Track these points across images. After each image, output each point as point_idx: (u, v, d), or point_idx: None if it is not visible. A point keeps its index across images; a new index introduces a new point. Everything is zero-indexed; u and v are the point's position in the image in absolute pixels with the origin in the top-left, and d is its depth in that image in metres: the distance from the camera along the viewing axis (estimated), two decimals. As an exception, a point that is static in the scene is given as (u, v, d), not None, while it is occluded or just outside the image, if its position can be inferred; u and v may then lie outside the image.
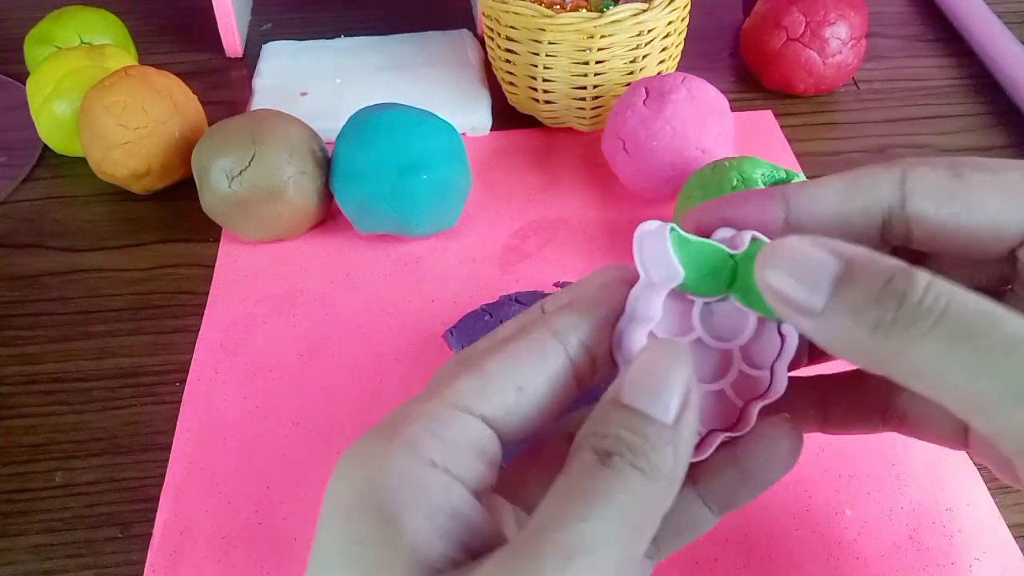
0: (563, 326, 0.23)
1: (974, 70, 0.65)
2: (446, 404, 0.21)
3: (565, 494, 0.19)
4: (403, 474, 0.20)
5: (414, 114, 0.49)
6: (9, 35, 0.69)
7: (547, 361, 0.22)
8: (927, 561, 0.36)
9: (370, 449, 0.21)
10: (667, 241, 0.22)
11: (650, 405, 0.20)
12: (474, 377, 0.22)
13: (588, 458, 0.20)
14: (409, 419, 0.21)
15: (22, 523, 0.39)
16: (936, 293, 0.19)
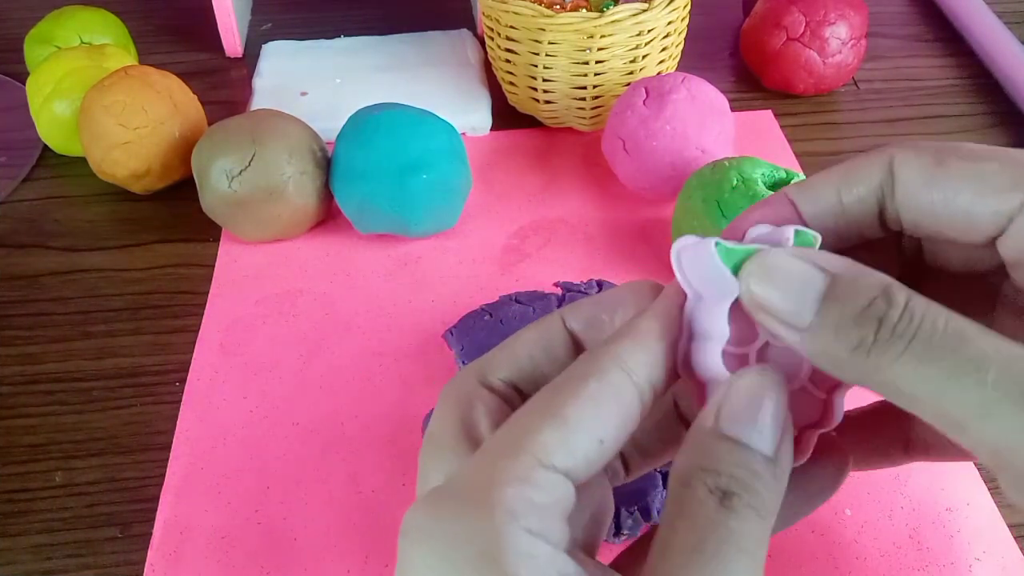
0: (634, 363, 0.22)
1: (974, 70, 0.65)
2: (536, 463, 0.20)
3: (694, 545, 0.19)
4: (517, 548, 0.19)
5: (414, 114, 0.49)
6: (9, 35, 0.69)
7: (625, 405, 0.21)
8: (927, 561, 0.36)
9: (471, 520, 0.20)
10: (715, 257, 0.22)
11: (752, 437, 0.20)
12: (558, 429, 0.20)
13: (706, 499, 0.20)
14: (501, 483, 0.20)
15: (22, 523, 0.39)
16: (911, 314, 0.20)
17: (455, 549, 0.19)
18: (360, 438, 0.41)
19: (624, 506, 0.36)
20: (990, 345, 0.19)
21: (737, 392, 0.21)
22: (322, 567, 0.37)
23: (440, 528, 0.20)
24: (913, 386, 0.20)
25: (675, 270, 0.23)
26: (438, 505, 0.20)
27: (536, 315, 0.43)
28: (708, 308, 0.22)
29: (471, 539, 0.19)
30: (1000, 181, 0.22)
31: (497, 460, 0.20)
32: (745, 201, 0.43)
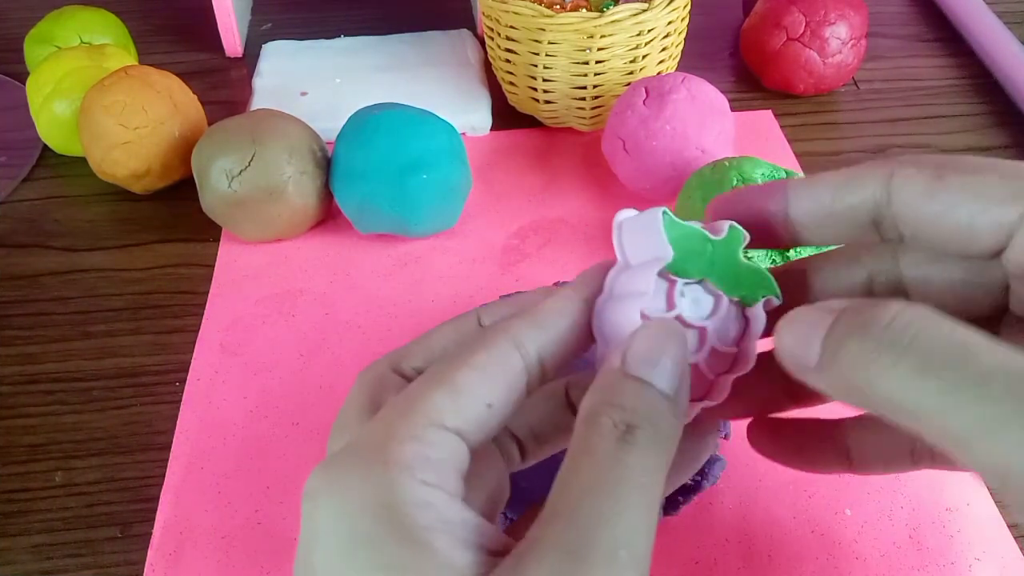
0: (525, 338, 0.23)
1: (974, 70, 0.65)
2: (428, 423, 0.21)
3: (594, 480, 0.20)
4: (415, 498, 0.20)
5: (414, 114, 0.49)
6: (9, 35, 0.69)
7: (511, 375, 0.23)
8: (927, 561, 0.36)
9: (368, 475, 0.20)
10: (660, 223, 0.24)
11: (655, 376, 0.21)
12: (449, 394, 0.22)
13: (609, 433, 0.20)
14: (396, 440, 0.21)
15: (22, 523, 0.39)
16: (904, 323, 0.20)
17: (353, 503, 0.20)
18: (360, 438, 0.41)
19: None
20: (997, 357, 0.19)
21: (643, 337, 0.22)
22: (322, 567, 0.37)
23: (338, 485, 0.21)
24: (912, 400, 0.19)
25: (615, 237, 0.25)
26: (336, 465, 0.21)
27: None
28: (635, 271, 0.24)
29: (369, 492, 0.20)
30: (1000, 193, 0.22)
31: (391, 421, 0.22)
32: (745, 201, 0.43)
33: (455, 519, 0.20)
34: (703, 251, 0.25)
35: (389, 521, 0.20)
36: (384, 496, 0.20)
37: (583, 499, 0.20)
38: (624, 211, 0.25)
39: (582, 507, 0.19)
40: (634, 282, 0.24)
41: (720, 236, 0.25)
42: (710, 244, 0.25)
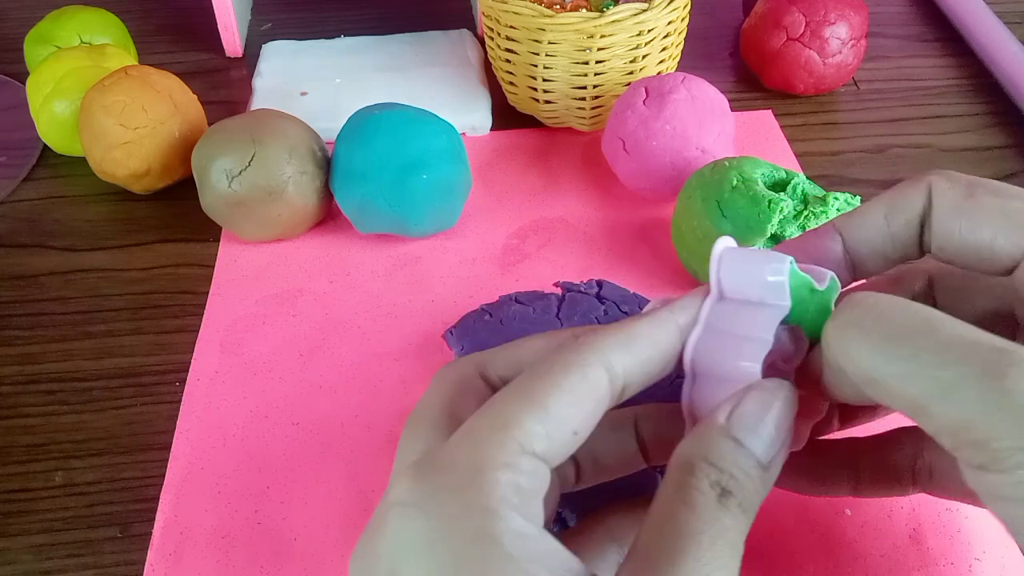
0: (615, 361, 0.23)
1: (974, 70, 0.65)
2: (521, 450, 0.21)
3: (692, 533, 0.21)
4: (513, 529, 0.20)
5: (414, 114, 0.49)
6: (9, 35, 0.69)
7: (598, 399, 0.23)
8: (927, 561, 0.36)
9: (464, 500, 0.20)
10: (786, 272, 0.24)
11: (756, 445, 0.22)
12: (540, 418, 0.22)
13: (708, 492, 0.21)
14: (491, 467, 0.21)
15: (22, 523, 0.39)
16: (874, 304, 0.22)
17: (453, 528, 0.20)
18: (360, 438, 0.41)
19: (624, 506, 0.36)
20: (956, 330, 0.21)
21: (751, 398, 0.23)
22: (322, 567, 0.37)
23: (435, 506, 0.21)
24: (880, 370, 0.21)
25: (711, 266, 0.25)
26: (428, 481, 0.21)
27: (536, 315, 0.43)
28: (742, 310, 0.24)
29: (468, 519, 0.20)
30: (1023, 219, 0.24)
31: (484, 443, 0.22)
32: (745, 201, 0.43)
33: (546, 550, 0.21)
34: (804, 298, 0.25)
35: (489, 552, 0.20)
36: (484, 526, 0.20)
37: (683, 547, 0.20)
38: (724, 239, 0.25)
39: (681, 554, 0.20)
40: (743, 323, 0.24)
41: (823, 286, 0.25)
42: (811, 293, 0.25)
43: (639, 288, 0.46)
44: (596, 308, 0.44)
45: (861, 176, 0.56)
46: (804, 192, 0.43)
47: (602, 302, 0.44)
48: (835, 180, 0.56)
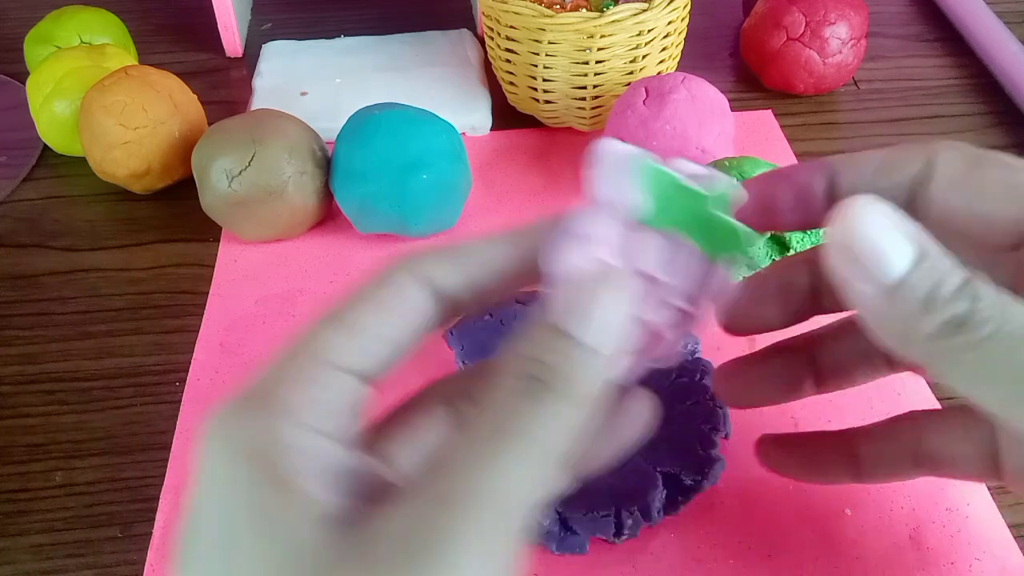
0: (434, 273, 0.23)
1: (974, 70, 0.65)
2: (317, 363, 0.21)
3: (480, 430, 0.19)
4: (289, 442, 0.20)
5: (414, 114, 0.49)
6: (9, 35, 0.69)
7: (413, 310, 0.23)
8: (927, 561, 0.36)
9: (250, 420, 0.21)
10: (634, 170, 0.23)
11: (578, 328, 0.20)
12: (341, 331, 0.22)
13: (512, 384, 0.20)
14: (285, 383, 0.21)
15: (22, 523, 0.39)
16: (995, 309, 0.21)
17: (236, 448, 0.20)
18: (360, 438, 0.41)
19: (624, 506, 0.36)
20: None
21: (574, 287, 0.21)
22: (322, 567, 0.37)
23: (224, 429, 0.21)
24: (982, 384, 0.21)
25: (592, 170, 0.23)
26: (227, 410, 0.21)
27: (536, 315, 0.43)
28: (599, 214, 0.23)
29: (250, 436, 0.20)
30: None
31: (281, 363, 0.21)
32: (745, 201, 0.43)
33: (330, 463, 0.20)
34: (687, 204, 0.23)
35: (262, 465, 0.20)
36: (261, 440, 0.20)
37: (466, 447, 0.19)
38: (612, 144, 0.23)
39: (463, 455, 0.19)
40: (591, 225, 0.22)
41: (712, 192, 0.23)
42: (697, 198, 0.23)
43: (639, 288, 0.46)
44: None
45: (861, 176, 0.56)
46: (804, 192, 0.43)
47: (602, 302, 0.44)
48: (835, 180, 0.56)
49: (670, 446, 0.38)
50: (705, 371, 0.41)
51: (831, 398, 0.42)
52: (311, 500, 0.19)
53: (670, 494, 0.37)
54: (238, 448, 0.20)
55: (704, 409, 0.39)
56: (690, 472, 0.37)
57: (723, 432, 0.39)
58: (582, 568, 0.36)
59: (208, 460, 0.21)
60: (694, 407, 0.39)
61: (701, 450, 0.38)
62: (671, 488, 0.37)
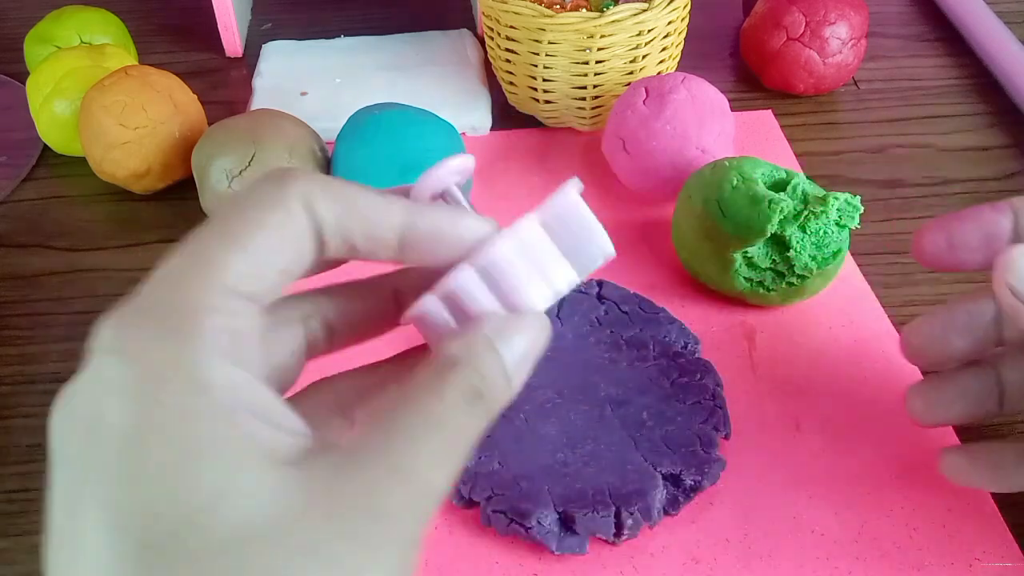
0: (319, 204, 0.22)
1: (974, 70, 0.65)
2: (226, 291, 0.20)
3: (433, 418, 0.21)
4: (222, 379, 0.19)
5: (414, 114, 0.49)
6: (9, 35, 0.69)
7: (303, 240, 0.22)
8: (927, 561, 0.36)
9: (170, 343, 0.19)
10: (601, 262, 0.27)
11: (515, 365, 0.23)
12: (243, 258, 0.21)
13: (463, 389, 0.21)
14: (197, 309, 0.20)
15: (22, 523, 0.39)
16: None
17: (157, 376, 0.19)
18: (360, 438, 0.41)
19: (624, 506, 0.36)
20: None
21: (524, 324, 0.24)
22: (322, 567, 0.37)
23: (139, 352, 0.19)
24: None
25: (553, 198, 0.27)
26: (132, 327, 0.20)
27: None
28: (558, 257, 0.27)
29: (175, 367, 0.19)
30: None
31: (187, 285, 0.20)
32: (745, 201, 0.43)
33: (262, 400, 0.20)
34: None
35: (197, 400, 0.19)
36: (192, 374, 0.19)
37: (425, 432, 0.20)
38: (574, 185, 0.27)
39: (423, 438, 0.20)
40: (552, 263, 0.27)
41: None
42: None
43: (639, 288, 0.46)
44: (596, 308, 0.44)
45: (861, 176, 0.56)
46: (804, 192, 0.43)
47: (602, 302, 0.44)
48: (835, 180, 0.56)
49: (670, 446, 0.38)
50: (705, 371, 0.41)
51: (834, 402, 0.42)
52: (259, 442, 0.19)
53: (670, 494, 0.37)
54: (163, 374, 0.19)
55: (704, 409, 0.39)
56: (690, 472, 0.37)
57: (723, 432, 0.39)
58: (582, 568, 0.36)
59: (117, 374, 0.19)
60: (694, 407, 0.39)
61: (701, 450, 0.38)
62: (671, 488, 0.37)
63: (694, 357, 0.42)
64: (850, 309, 0.46)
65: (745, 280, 0.45)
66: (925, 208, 0.54)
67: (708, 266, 0.46)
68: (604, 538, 0.36)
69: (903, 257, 0.50)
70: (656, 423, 0.39)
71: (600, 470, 0.37)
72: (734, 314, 0.46)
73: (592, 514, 0.35)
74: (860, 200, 0.43)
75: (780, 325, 0.46)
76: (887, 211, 0.53)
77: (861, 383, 0.43)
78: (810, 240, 0.43)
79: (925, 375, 0.36)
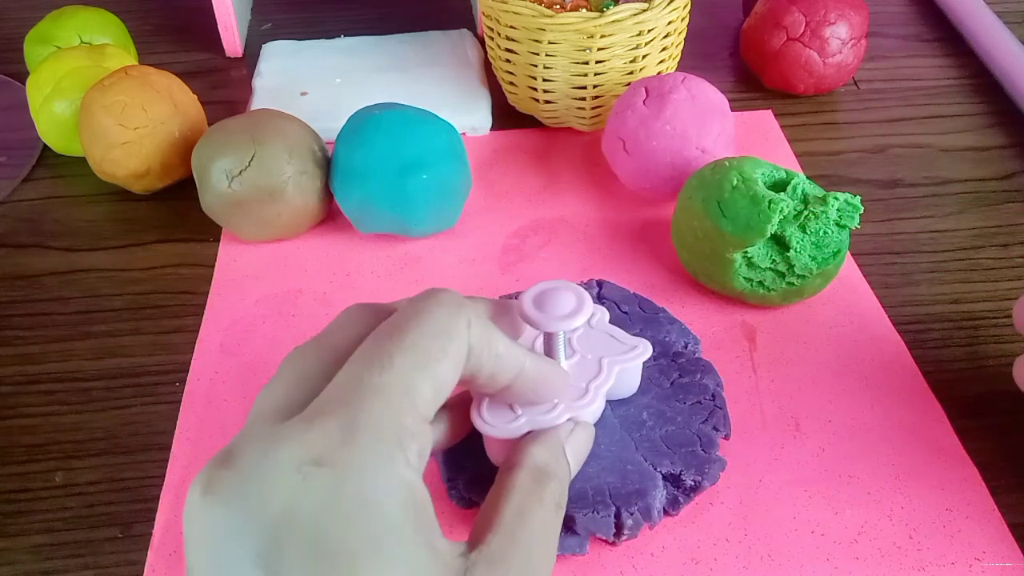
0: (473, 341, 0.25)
1: (974, 70, 0.65)
2: (419, 416, 0.23)
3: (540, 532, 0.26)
4: (425, 497, 0.23)
5: (414, 114, 0.49)
6: (9, 35, 0.70)
7: (461, 367, 0.25)
8: (927, 561, 0.36)
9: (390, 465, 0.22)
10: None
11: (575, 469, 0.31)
12: (433, 386, 0.24)
13: (555, 501, 0.27)
14: (405, 433, 0.23)
15: (22, 523, 0.39)
16: None
17: (367, 483, 0.21)
18: (360, 438, 0.41)
19: (624, 506, 0.36)
20: None
21: (581, 433, 0.32)
22: (322, 567, 0.37)
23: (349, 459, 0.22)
24: None
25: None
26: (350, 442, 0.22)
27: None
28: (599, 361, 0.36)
29: (396, 485, 0.22)
30: None
31: (395, 408, 0.23)
32: (745, 201, 0.43)
33: (433, 521, 0.23)
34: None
35: (417, 517, 0.22)
36: (410, 493, 0.22)
37: (533, 544, 0.25)
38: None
39: (532, 551, 0.25)
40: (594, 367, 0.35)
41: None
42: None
43: (639, 288, 0.46)
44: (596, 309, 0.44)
45: (861, 176, 0.56)
46: (804, 192, 0.43)
47: (602, 302, 0.44)
48: (835, 180, 0.56)
49: (670, 446, 0.38)
50: (705, 371, 0.41)
51: (834, 401, 0.42)
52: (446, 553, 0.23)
53: (670, 494, 0.37)
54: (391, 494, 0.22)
55: (704, 409, 0.39)
56: (690, 472, 0.37)
57: (723, 432, 0.39)
58: (582, 568, 0.36)
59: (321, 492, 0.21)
60: (694, 407, 0.39)
61: (701, 450, 0.38)
62: (671, 488, 0.37)
63: (694, 357, 0.42)
64: (850, 309, 0.46)
65: (745, 280, 0.45)
66: (925, 208, 0.54)
67: (708, 266, 0.46)
68: (604, 538, 0.36)
69: (903, 257, 0.50)
70: (656, 423, 0.39)
71: (600, 470, 0.37)
72: (734, 314, 0.46)
73: (592, 514, 0.35)
74: (860, 200, 0.43)
75: (780, 325, 0.46)
76: (887, 211, 0.53)
77: (861, 383, 0.43)
78: (810, 240, 0.43)
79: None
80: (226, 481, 0.21)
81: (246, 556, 0.20)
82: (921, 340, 0.45)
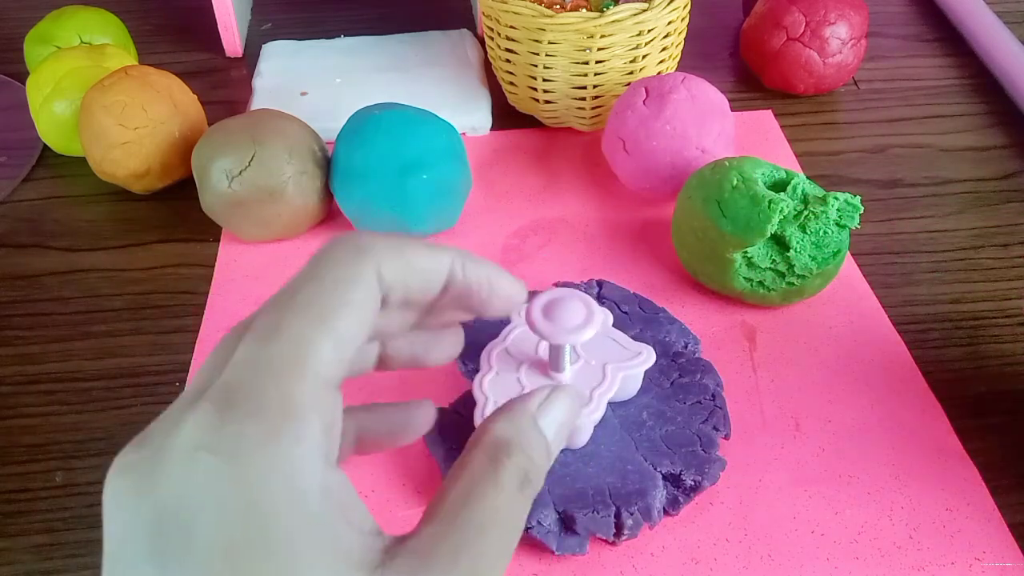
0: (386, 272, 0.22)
1: (974, 70, 0.65)
2: (321, 383, 0.20)
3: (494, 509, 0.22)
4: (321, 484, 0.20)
5: (414, 114, 0.49)
6: (9, 35, 0.69)
7: (374, 311, 0.22)
8: (927, 561, 0.36)
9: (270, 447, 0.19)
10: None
11: (553, 440, 0.24)
12: (334, 343, 0.21)
13: (516, 476, 0.22)
14: (299, 410, 0.20)
15: (22, 523, 0.39)
16: None
17: (258, 479, 0.19)
18: (360, 438, 0.41)
19: (624, 506, 0.36)
20: None
21: (560, 396, 0.25)
22: (322, 567, 0.37)
23: (239, 449, 0.19)
24: None
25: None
26: (233, 422, 0.20)
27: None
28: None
29: (277, 471, 0.19)
30: None
31: (286, 376, 0.20)
32: (745, 201, 0.43)
33: (347, 503, 0.20)
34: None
35: (296, 511, 0.19)
36: (293, 480, 0.19)
37: (489, 524, 0.21)
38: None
39: (488, 530, 0.21)
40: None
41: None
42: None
43: (639, 288, 0.46)
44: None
45: (861, 176, 0.56)
46: (804, 192, 0.43)
47: (602, 302, 0.44)
48: (835, 180, 0.56)
49: (670, 446, 0.38)
50: (705, 371, 0.41)
51: (834, 401, 0.42)
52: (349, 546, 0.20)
53: (670, 494, 0.37)
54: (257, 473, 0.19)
55: (704, 409, 0.39)
56: (690, 472, 0.37)
57: (723, 432, 0.39)
58: (582, 568, 0.36)
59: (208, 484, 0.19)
60: (694, 407, 0.39)
61: (701, 450, 0.38)
62: (671, 488, 0.37)
63: (694, 357, 0.42)
64: (850, 309, 0.46)
65: (745, 280, 0.45)
66: (925, 208, 0.54)
67: (708, 266, 0.46)
68: (604, 538, 0.36)
69: (903, 257, 0.50)
70: (656, 423, 0.39)
71: (600, 470, 0.37)
72: (734, 314, 0.46)
73: (592, 514, 0.35)
74: (860, 200, 0.43)
75: (780, 325, 0.46)
76: (887, 211, 0.53)
77: (861, 383, 0.43)
78: (810, 240, 0.43)
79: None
80: (131, 462, 0.20)
81: (139, 540, 0.19)
82: (921, 340, 0.45)
